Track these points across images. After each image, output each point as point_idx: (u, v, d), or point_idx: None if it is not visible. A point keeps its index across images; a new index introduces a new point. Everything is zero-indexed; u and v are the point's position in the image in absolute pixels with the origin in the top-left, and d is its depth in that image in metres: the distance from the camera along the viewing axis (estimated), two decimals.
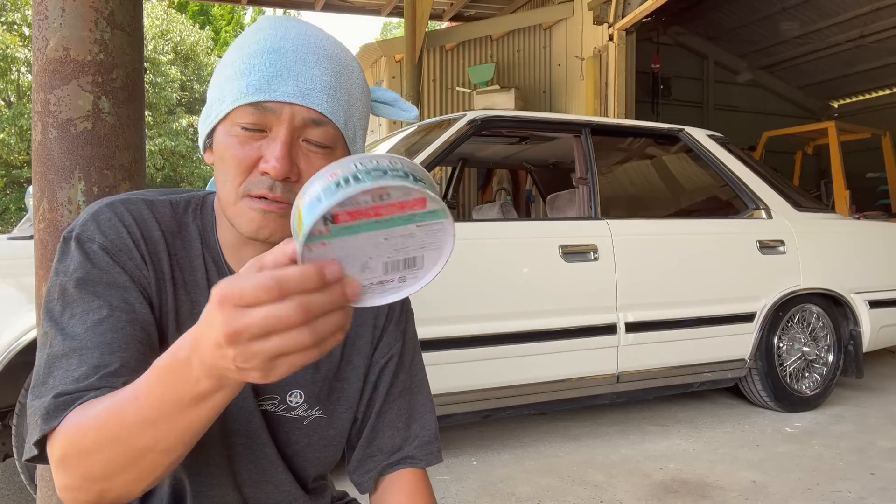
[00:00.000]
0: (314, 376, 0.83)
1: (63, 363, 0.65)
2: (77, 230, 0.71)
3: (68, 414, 0.61)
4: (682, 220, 3.29)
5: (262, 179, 0.69)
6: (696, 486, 2.38)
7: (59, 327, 0.67)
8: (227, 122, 0.70)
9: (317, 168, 0.71)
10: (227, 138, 0.70)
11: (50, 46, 1.35)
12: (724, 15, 9.51)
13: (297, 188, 0.70)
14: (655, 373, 2.96)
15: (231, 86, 0.69)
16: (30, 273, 1.66)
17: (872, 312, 3.44)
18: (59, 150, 1.37)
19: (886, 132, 7.72)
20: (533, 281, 2.68)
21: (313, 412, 0.84)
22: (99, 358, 0.65)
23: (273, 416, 0.81)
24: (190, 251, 0.77)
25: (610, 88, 6.29)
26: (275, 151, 0.68)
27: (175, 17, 17.47)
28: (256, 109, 0.68)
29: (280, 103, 0.68)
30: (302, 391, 0.82)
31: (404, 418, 0.88)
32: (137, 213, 0.74)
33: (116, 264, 0.70)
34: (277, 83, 0.68)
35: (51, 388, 0.63)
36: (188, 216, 0.79)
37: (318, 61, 0.70)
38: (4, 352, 2.00)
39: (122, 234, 0.72)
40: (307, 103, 0.69)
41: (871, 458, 2.64)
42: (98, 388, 0.63)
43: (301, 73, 0.69)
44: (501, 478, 2.46)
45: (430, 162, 2.65)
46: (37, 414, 0.62)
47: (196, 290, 0.77)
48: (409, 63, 6.41)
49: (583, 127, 3.10)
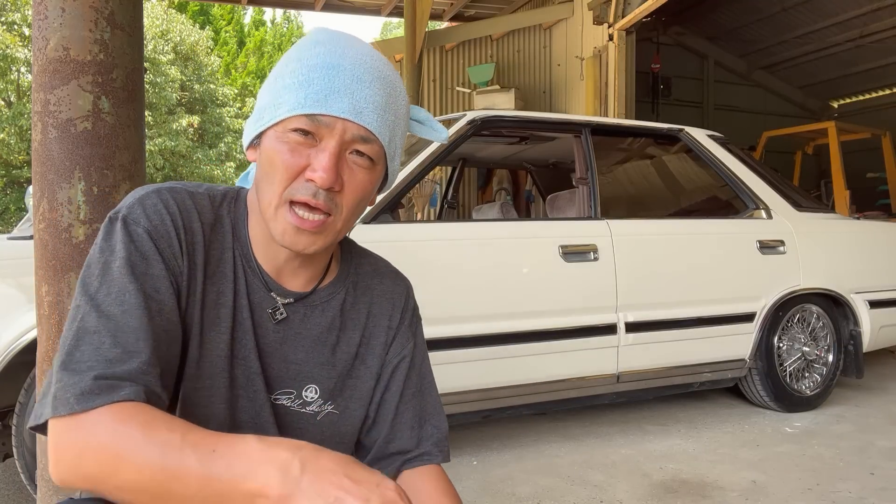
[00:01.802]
0: (330, 372, 0.86)
1: (94, 339, 0.66)
2: (124, 211, 0.74)
3: (102, 406, 0.63)
4: (682, 220, 3.29)
5: (307, 186, 0.73)
6: (696, 486, 2.38)
7: (95, 303, 0.68)
8: (280, 127, 0.74)
9: (359, 181, 0.75)
10: (277, 143, 0.74)
11: (50, 46, 1.35)
12: (724, 15, 9.51)
13: (338, 198, 0.75)
14: (655, 373, 2.96)
15: (289, 95, 0.73)
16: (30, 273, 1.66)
17: (872, 312, 3.44)
18: (59, 150, 1.37)
19: (886, 132, 7.72)
20: (533, 281, 2.68)
21: (326, 407, 0.86)
22: (134, 343, 0.67)
23: (288, 411, 0.84)
24: (222, 243, 0.80)
25: (610, 88, 6.28)
26: (322, 161, 0.72)
27: (175, 17, 17.46)
28: (311, 121, 0.73)
29: (334, 118, 0.73)
30: (317, 386, 0.85)
31: (418, 419, 0.91)
32: (181, 202, 0.77)
33: (157, 251, 0.73)
34: (334, 99, 0.73)
35: (86, 365, 0.65)
36: (223, 209, 0.82)
37: (372, 81, 0.75)
38: (4, 352, 1.99)
39: (165, 221, 0.75)
40: (359, 120, 0.74)
41: (871, 458, 2.64)
42: (133, 382, 0.65)
43: (356, 91, 0.73)
44: (501, 478, 2.46)
45: (430, 162, 2.65)
46: (69, 390, 0.63)
47: (223, 281, 0.80)
48: (409, 63, 6.41)
49: (583, 127, 3.10)
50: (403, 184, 2.58)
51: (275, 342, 0.82)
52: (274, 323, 0.82)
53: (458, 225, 2.85)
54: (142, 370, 0.66)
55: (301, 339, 0.84)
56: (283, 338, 0.83)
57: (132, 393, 0.64)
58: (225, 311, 0.79)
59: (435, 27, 8.78)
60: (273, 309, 0.82)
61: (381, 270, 0.94)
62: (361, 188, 0.77)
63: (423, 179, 2.75)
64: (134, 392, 0.65)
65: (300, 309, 0.84)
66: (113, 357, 0.66)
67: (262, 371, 0.81)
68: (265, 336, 0.82)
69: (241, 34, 23.28)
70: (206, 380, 0.78)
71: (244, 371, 0.80)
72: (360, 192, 0.77)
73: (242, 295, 0.80)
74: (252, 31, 23.70)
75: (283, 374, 0.83)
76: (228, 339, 0.79)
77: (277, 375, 0.83)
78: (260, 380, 0.81)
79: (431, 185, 5.00)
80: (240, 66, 22.35)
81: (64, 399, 0.63)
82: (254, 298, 0.81)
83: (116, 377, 0.65)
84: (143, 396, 0.65)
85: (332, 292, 0.87)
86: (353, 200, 0.76)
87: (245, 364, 0.80)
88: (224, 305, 0.79)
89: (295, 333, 0.83)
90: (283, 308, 0.82)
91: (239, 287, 0.80)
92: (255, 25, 24.01)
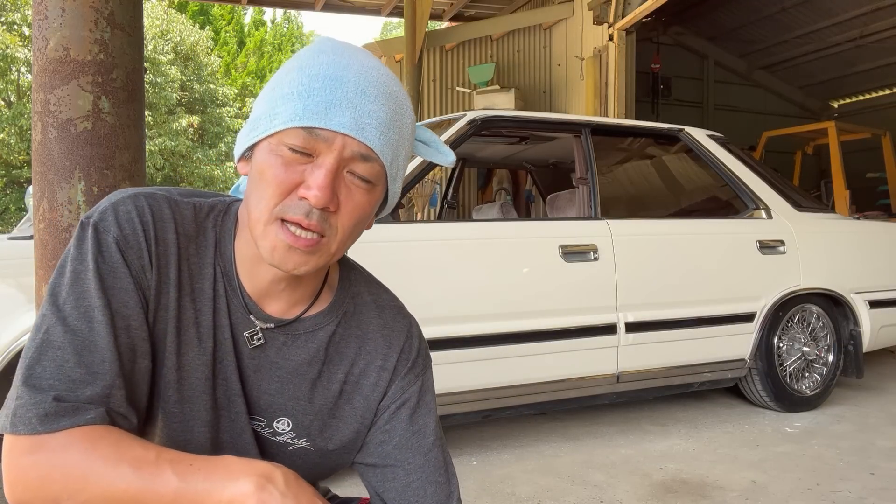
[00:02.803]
0: (307, 408, 0.80)
1: (58, 354, 0.64)
2: (95, 217, 0.71)
3: (65, 430, 0.62)
4: (682, 220, 3.29)
5: (300, 204, 0.67)
6: (696, 486, 2.38)
7: (62, 315, 0.66)
8: (274, 139, 0.68)
9: (356, 203, 0.70)
10: (270, 157, 0.68)
11: (50, 46, 1.35)
12: (724, 15, 9.51)
13: (333, 219, 0.69)
14: (655, 373, 2.96)
15: (286, 105, 0.67)
16: (30, 273, 1.66)
17: (872, 312, 3.44)
18: (59, 150, 1.37)
19: (886, 132, 7.72)
20: (533, 281, 2.68)
21: (299, 442, 0.81)
22: (99, 364, 0.65)
23: (259, 435, 0.81)
24: (202, 258, 0.76)
25: (610, 88, 6.28)
26: (318, 179, 0.66)
27: (175, 17, 17.46)
28: (308, 134, 0.67)
29: (333, 133, 0.67)
30: (290, 420, 0.80)
31: (443, 471, 0.84)
32: (157, 210, 0.73)
33: (125, 262, 0.70)
34: (335, 112, 0.67)
35: (48, 383, 0.63)
36: (208, 222, 0.77)
37: (377, 96, 0.69)
38: (4, 352, 2.00)
39: (136, 231, 0.71)
40: (360, 137, 0.68)
41: (871, 458, 2.64)
42: (97, 405, 0.64)
43: (360, 105, 0.68)
44: (501, 478, 2.46)
45: (430, 162, 2.65)
46: (31, 409, 0.62)
47: (201, 299, 0.75)
48: (409, 63, 6.41)
49: (583, 127, 3.10)
50: (403, 184, 2.58)
51: (249, 368, 0.78)
52: (250, 348, 0.77)
53: (458, 225, 2.85)
54: (105, 393, 0.65)
55: (276, 369, 0.78)
56: (258, 365, 0.78)
57: (98, 417, 0.63)
58: (204, 330, 0.75)
59: (435, 27, 8.78)
60: (251, 333, 0.77)
61: (382, 303, 0.86)
62: (359, 210, 0.71)
63: (423, 179, 2.75)
64: (99, 416, 0.63)
65: (279, 336, 0.78)
66: (77, 377, 0.64)
67: (242, 392, 0.77)
68: (242, 359, 0.78)
69: (241, 34, 23.28)
70: (187, 403, 0.75)
71: (225, 392, 0.77)
72: (356, 215, 0.71)
73: (223, 314, 0.75)
74: (252, 31, 23.70)
75: (255, 401, 0.79)
76: (209, 360, 0.75)
77: (251, 401, 0.79)
78: (241, 401, 0.77)
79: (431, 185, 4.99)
80: (240, 67, 22.35)
81: (25, 418, 0.61)
82: (234, 319, 0.76)
83: (80, 400, 0.63)
84: (107, 419, 0.64)
85: (320, 323, 0.80)
86: (349, 223, 0.70)
87: (226, 385, 0.77)
88: (203, 325, 0.75)
89: (270, 363, 0.78)
90: (262, 333, 0.77)
91: (219, 305, 0.75)
92: (255, 25, 24.01)
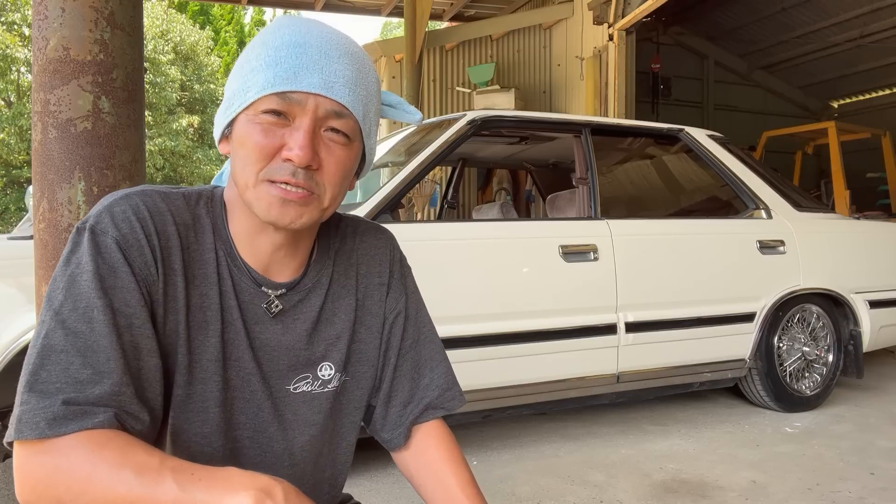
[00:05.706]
0: (337, 344, 0.86)
1: (62, 358, 0.64)
2: (91, 221, 0.71)
3: (72, 433, 0.62)
4: (682, 220, 3.29)
5: (285, 166, 0.71)
6: (696, 486, 2.38)
7: (60, 319, 0.66)
8: (251, 111, 0.72)
9: (337, 158, 0.74)
10: (249, 126, 0.72)
11: (50, 46, 1.35)
12: (724, 15, 9.51)
13: (318, 176, 0.74)
14: (655, 373, 2.96)
15: (256, 77, 0.72)
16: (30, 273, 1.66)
17: (872, 312, 3.44)
18: (59, 150, 1.37)
19: (886, 132, 7.72)
20: (533, 281, 2.68)
21: (343, 378, 0.87)
22: (104, 363, 0.66)
23: (306, 396, 0.84)
24: (202, 244, 0.78)
25: (610, 88, 6.29)
26: (298, 140, 0.71)
27: (175, 17, 17.47)
28: (282, 99, 0.71)
29: (305, 94, 0.71)
30: (330, 362, 0.85)
31: (416, 369, 0.92)
32: (153, 205, 0.74)
33: (126, 261, 0.70)
34: (304, 75, 0.71)
35: (55, 386, 0.63)
36: (200, 208, 0.79)
37: (340, 57, 0.74)
38: (4, 352, 2.00)
39: (135, 229, 0.72)
40: (331, 95, 0.72)
41: (871, 458, 2.64)
42: (107, 407, 0.65)
43: (325, 66, 0.72)
44: (501, 478, 2.46)
45: (430, 162, 2.65)
46: (39, 414, 0.62)
47: (206, 284, 0.77)
48: (409, 63, 6.41)
49: (583, 127, 3.10)
50: (403, 184, 2.58)
51: (276, 335, 0.81)
52: (271, 317, 0.81)
53: (458, 225, 2.85)
54: (114, 392, 0.65)
55: (301, 323, 0.83)
56: (284, 329, 0.82)
57: (106, 420, 0.63)
58: (212, 313, 0.77)
59: (435, 27, 8.78)
60: (267, 304, 0.80)
61: (360, 229, 0.92)
62: (341, 165, 0.75)
63: (423, 179, 2.75)
64: (108, 419, 0.64)
65: (293, 297, 0.83)
66: (84, 378, 0.64)
67: (258, 370, 0.79)
68: (263, 333, 0.80)
69: (241, 34, 23.27)
70: (199, 385, 0.76)
71: (238, 372, 0.79)
72: (340, 169, 0.75)
73: (230, 295, 0.78)
74: (252, 31, 23.69)
75: (295, 363, 0.82)
76: (218, 341, 0.77)
77: (291, 366, 0.82)
78: (256, 379, 0.79)
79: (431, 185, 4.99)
80: None
81: (33, 423, 0.62)
82: (243, 297, 0.79)
83: (89, 402, 0.63)
84: (115, 423, 0.64)
85: (320, 269, 0.86)
86: (334, 178, 0.75)
87: (238, 365, 0.79)
88: (210, 308, 0.77)
89: (293, 320, 0.82)
90: (278, 300, 0.81)
91: (225, 288, 0.78)
92: (255, 25, 24.01)
